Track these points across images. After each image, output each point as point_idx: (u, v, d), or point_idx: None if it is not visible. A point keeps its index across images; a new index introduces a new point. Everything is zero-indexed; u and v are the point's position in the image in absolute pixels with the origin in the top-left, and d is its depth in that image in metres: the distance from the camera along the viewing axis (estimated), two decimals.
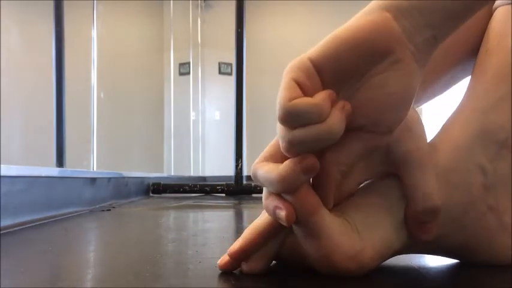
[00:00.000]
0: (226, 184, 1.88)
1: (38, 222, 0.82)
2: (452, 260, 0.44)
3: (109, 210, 1.11)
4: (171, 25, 5.21)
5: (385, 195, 0.39)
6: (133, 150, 5.13)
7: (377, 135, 0.36)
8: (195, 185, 1.93)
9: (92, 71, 3.42)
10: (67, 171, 1.09)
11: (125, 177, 1.51)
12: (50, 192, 0.93)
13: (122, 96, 4.95)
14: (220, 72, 5.44)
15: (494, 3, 0.46)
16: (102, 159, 3.80)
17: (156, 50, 5.41)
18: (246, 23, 1.96)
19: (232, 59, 2.00)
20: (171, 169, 5.08)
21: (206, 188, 1.91)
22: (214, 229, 0.78)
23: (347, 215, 0.38)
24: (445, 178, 0.40)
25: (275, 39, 5.53)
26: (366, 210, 0.39)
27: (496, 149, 0.41)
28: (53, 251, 0.56)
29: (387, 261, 0.40)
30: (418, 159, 0.38)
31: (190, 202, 1.45)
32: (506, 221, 0.42)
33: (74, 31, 2.69)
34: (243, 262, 0.39)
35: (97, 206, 1.19)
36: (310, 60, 0.34)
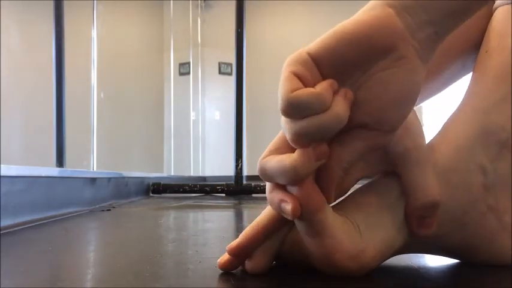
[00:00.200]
0: (226, 184, 1.88)
1: (38, 222, 0.82)
2: (452, 260, 0.44)
3: (109, 210, 1.11)
4: (171, 25, 5.21)
5: (385, 194, 0.39)
6: (133, 150, 5.13)
7: (380, 133, 0.36)
8: (195, 185, 1.93)
9: (92, 71, 3.42)
10: (67, 171, 1.09)
11: (124, 177, 1.51)
12: (50, 192, 0.93)
13: (122, 96, 4.95)
14: (220, 72, 5.44)
15: (494, 3, 0.46)
16: (102, 159, 3.80)
17: (156, 50, 5.41)
18: (246, 23, 1.96)
19: (232, 59, 2.00)
20: (171, 169, 5.08)
21: (206, 188, 1.91)
22: (214, 229, 0.78)
23: (349, 215, 0.38)
24: (446, 178, 0.40)
25: (275, 39, 5.53)
26: (367, 210, 0.39)
27: (497, 149, 0.41)
28: (53, 251, 0.56)
29: (387, 261, 0.40)
30: (416, 157, 0.38)
31: (190, 202, 1.45)
32: (506, 221, 0.42)
33: (74, 31, 2.69)
34: (246, 261, 0.39)
35: (97, 206, 1.19)
36: (309, 53, 0.34)
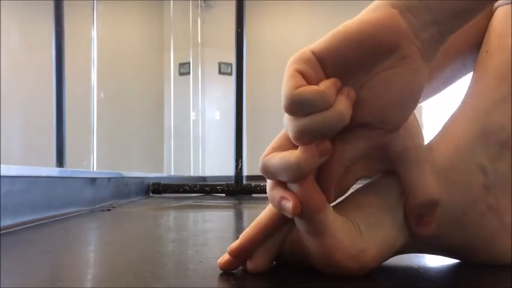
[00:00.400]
0: (226, 184, 1.88)
1: (38, 222, 0.82)
2: (452, 260, 0.44)
3: (109, 210, 1.11)
4: (171, 25, 5.21)
5: (385, 194, 0.39)
6: (133, 150, 5.13)
7: (382, 132, 0.36)
8: (195, 185, 1.93)
9: (92, 71, 3.42)
10: (67, 171, 1.09)
11: (124, 177, 1.51)
12: (50, 192, 0.93)
13: (122, 96, 4.95)
14: (220, 72, 5.44)
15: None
16: (102, 159, 3.80)
17: (156, 50, 5.41)
18: (246, 23, 1.96)
19: (232, 59, 2.00)
20: (171, 169, 5.08)
21: (206, 188, 1.91)
22: (214, 229, 0.78)
23: (349, 215, 0.38)
24: (446, 177, 0.40)
25: (275, 39, 5.53)
26: (367, 210, 0.39)
27: (497, 149, 0.41)
28: (53, 251, 0.56)
29: (387, 261, 0.40)
30: (415, 156, 0.38)
31: (190, 202, 1.45)
32: (507, 221, 0.42)
33: (74, 31, 2.69)
34: (247, 261, 0.39)
35: (97, 206, 1.19)
36: (313, 52, 0.34)
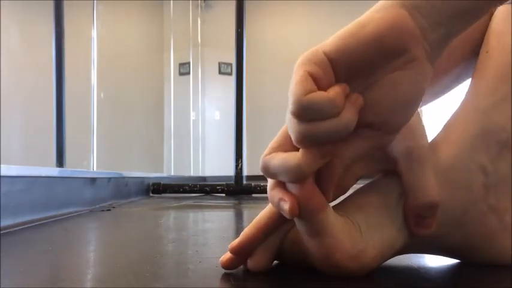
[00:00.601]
0: (226, 184, 1.88)
1: (38, 222, 0.82)
2: (452, 260, 0.44)
3: (109, 210, 1.11)
4: (171, 25, 5.21)
5: (386, 195, 0.39)
6: (133, 150, 5.13)
7: (384, 134, 0.36)
8: (195, 185, 1.93)
9: (92, 71, 3.41)
10: (67, 171, 1.09)
11: (124, 177, 1.51)
12: (50, 192, 0.93)
13: (122, 96, 4.95)
14: (220, 72, 5.45)
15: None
16: (102, 159, 3.80)
17: (156, 50, 5.41)
18: (246, 23, 1.96)
19: (232, 59, 2.00)
20: (171, 169, 5.08)
21: (206, 188, 1.91)
22: (214, 229, 0.78)
23: (350, 215, 0.38)
24: (446, 177, 0.40)
25: (275, 39, 5.53)
26: (368, 210, 0.39)
27: (497, 149, 0.41)
28: (53, 251, 0.56)
29: (387, 261, 0.40)
30: (417, 156, 0.38)
31: (190, 202, 1.45)
32: (507, 221, 0.42)
33: (74, 31, 2.69)
34: (248, 259, 0.39)
35: (97, 206, 1.19)
36: (325, 53, 0.34)
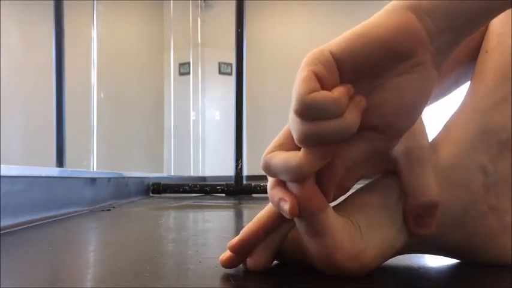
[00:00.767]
0: (226, 184, 1.88)
1: (38, 222, 0.82)
2: (452, 260, 0.44)
3: (109, 210, 1.11)
4: (171, 25, 5.21)
5: (386, 195, 0.39)
6: (133, 150, 5.14)
7: (387, 137, 0.36)
8: (195, 185, 1.93)
9: (92, 71, 3.42)
10: (67, 171, 1.09)
11: (124, 177, 1.51)
12: (50, 192, 0.93)
13: (122, 96, 4.95)
14: (220, 72, 5.45)
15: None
16: (102, 159, 3.80)
17: (156, 50, 5.42)
18: (246, 23, 1.96)
19: (232, 59, 2.00)
20: (171, 169, 5.08)
21: (206, 188, 1.91)
22: (214, 229, 0.78)
23: (350, 215, 0.38)
24: (446, 177, 0.40)
25: (275, 39, 5.53)
26: (368, 210, 0.39)
27: (497, 149, 0.41)
28: (53, 251, 0.56)
29: (387, 261, 0.40)
30: (417, 156, 0.38)
31: (190, 202, 1.45)
32: (507, 221, 0.42)
33: (74, 31, 2.69)
34: (248, 258, 0.39)
35: (97, 206, 1.19)
36: (331, 53, 0.33)
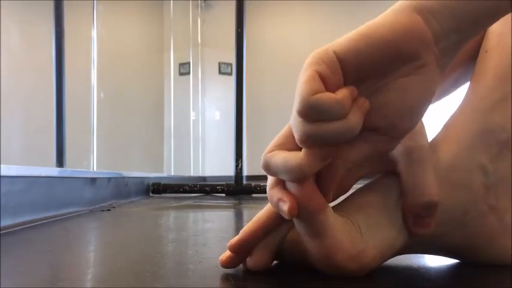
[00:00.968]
0: (226, 184, 1.88)
1: (38, 222, 0.82)
2: (452, 260, 0.44)
3: (109, 210, 1.11)
4: (171, 25, 5.21)
5: (386, 195, 0.39)
6: (133, 150, 5.14)
7: (389, 138, 0.36)
8: (195, 185, 1.93)
9: (92, 71, 3.42)
10: (67, 171, 1.09)
11: (124, 177, 1.51)
12: (50, 192, 0.93)
13: (122, 96, 4.95)
14: (220, 72, 5.45)
15: None
16: (102, 159, 3.80)
17: (156, 50, 5.42)
18: (246, 23, 1.96)
19: (232, 59, 2.00)
20: (171, 169, 5.08)
21: (206, 188, 1.91)
22: (214, 229, 0.78)
23: (350, 215, 0.38)
24: (446, 177, 0.40)
25: (275, 39, 5.53)
26: (368, 210, 0.39)
27: (497, 149, 0.41)
28: (53, 251, 0.56)
29: (387, 261, 0.40)
30: (417, 156, 0.38)
31: (190, 202, 1.45)
32: (507, 221, 0.42)
33: (74, 31, 2.68)
34: (248, 258, 0.39)
35: (97, 206, 1.19)
36: (335, 53, 0.33)
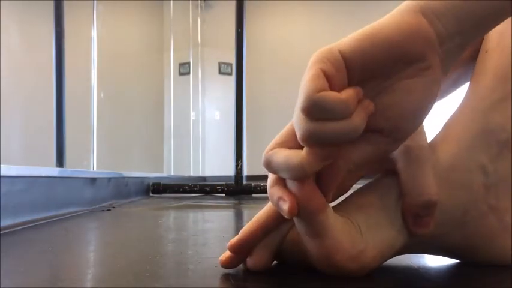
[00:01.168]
0: (226, 184, 1.88)
1: (38, 222, 0.82)
2: (452, 260, 0.44)
3: (109, 210, 1.11)
4: (171, 25, 5.21)
5: (385, 195, 0.40)
6: (133, 150, 5.14)
7: (391, 140, 0.36)
8: (195, 185, 1.93)
9: (92, 71, 3.42)
10: (67, 171, 1.09)
11: (124, 177, 1.51)
12: (50, 192, 0.93)
13: (122, 96, 4.95)
14: (220, 72, 5.45)
15: None
16: (102, 159, 3.80)
17: (156, 50, 5.42)
18: (246, 23, 1.96)
19: (232, 59, 2.00)
20: (171, 169, 5.08)
21: (206, 188, 1.91)
22: (214, 229, 0.78)
23: (350, 215, 0.38)
24: (446, 177, 0.40)
25: (275, 39, 5.53)
26: (367, 211, 0.39)
27: (497, 149, 0.41)
28: (53, 251, 0.56)
29: (388, 261, 0.40)
30: (416, 155, 0.39)
31: (190, 202, 1.45)
32: (507, 221, 0.42)
33: (74, 31, 2.69)
34: (248, 258, 0.39)
35: (97, 206, 1.19)
36: (341, 52, 0.33)
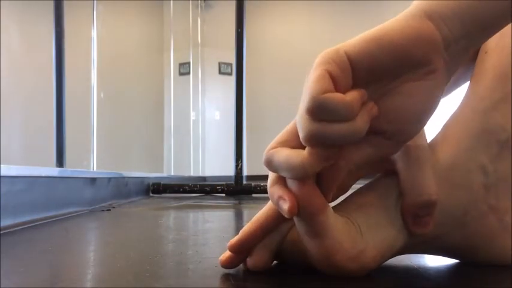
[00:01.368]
0: (226, 184, 1.88)
1: (38, 222, 0.82)
2: (452, 260, 0.45)
3: (109, 210, 1.11)
4: (171, 25, 5.21)
5: (385, 195, 0.40)
6: (133, 150, 5.14)
7: (393, 143, 0.36)
8: (195, 185, 1.93)
9: (92, 71, 3.42)
10: (67, 171, 1.09)
11: (124, 177, 1.51)
12: (50, 192, 0.93)
13: (122, 96, 4.95)
14: (220, 72, 5.45)
15: None
16: (102, 159, 3.80)
17: (156, 50, 5.42)
18: (246, 23, 1.96)
19: (232, 59, 2.00)
20: (171, 169, 5.08)
21: (206, 188, 1.91)
22: (214, 229, 0.78)
23: (350, 216, 0.38)
24: (446, 177, 0.40)
25: (275, 39, 5.53)
26: (367, 210, 0.39)
27: (497, 149, 0.41)
28: (53, 251, 0.56)
29: (388, 261, 0.40)
30: (415, 155, 0.39)
31: (190, 202, 1.45)
32: (507, 221, 0.42)
33: (74, 31, 2.69)
34: (248, 258, 0.39)
35: (97, 206, 1.19)
36: (346, 54, 0.33)
